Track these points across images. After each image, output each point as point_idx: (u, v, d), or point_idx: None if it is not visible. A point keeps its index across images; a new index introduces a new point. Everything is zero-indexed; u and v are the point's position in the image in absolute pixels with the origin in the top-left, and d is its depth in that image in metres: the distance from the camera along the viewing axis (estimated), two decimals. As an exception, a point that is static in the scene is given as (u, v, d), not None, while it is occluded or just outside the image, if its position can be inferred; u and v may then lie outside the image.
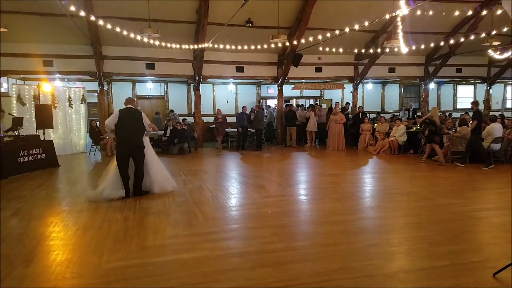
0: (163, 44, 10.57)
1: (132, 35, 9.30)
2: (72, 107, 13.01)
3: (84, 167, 10.70)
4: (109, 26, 8.82)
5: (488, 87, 18.33)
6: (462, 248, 4.03)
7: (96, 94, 14.05)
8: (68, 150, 12.78)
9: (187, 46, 11.62)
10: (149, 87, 16.80)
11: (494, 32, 10.92)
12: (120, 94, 16.62)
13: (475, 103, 9.95)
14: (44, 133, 10.48)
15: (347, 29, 9.71)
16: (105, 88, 14.51)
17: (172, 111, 15.59)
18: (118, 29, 8.94)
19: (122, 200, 6.24)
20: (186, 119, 14.45)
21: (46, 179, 8.32)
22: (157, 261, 3.78)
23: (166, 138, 12.84)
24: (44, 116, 10.60)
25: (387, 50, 11.94)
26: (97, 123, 13.22)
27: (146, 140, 6.75)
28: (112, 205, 5.95)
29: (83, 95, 13.48)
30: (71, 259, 3.84)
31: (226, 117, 14.54)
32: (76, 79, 15.36)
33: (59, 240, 4.44)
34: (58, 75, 13.92)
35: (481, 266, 3.57)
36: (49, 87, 12.07)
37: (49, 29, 11.95)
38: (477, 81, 19.02)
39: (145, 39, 9.63)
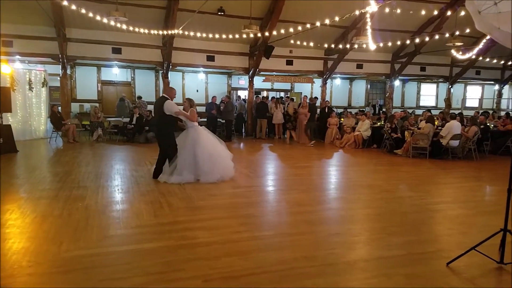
0: (131, 28, 10.25)
1: (98, 18, 8.96)
2: (32, 91, 12.44)
3: (44, 154, 10.28)
4: (74, 7, 8.47)
5: (450, 86, 19.12)
6: (419, 238, 4.22)
7: (59, 78, 13.47)
8: (28, 135, 12.26)
9: (156, 32, 11.31)
10: (115, 73, 16.28)
11: (457, 33, 11.38)
12: (84, 78, 16.09)
13: (311, 99, 13.94)
14: (1, 117, 9.95)
15: (318, 23, 9.80)
16: (68, 72, 13.94)
17: (140, 97, 15.09)
18: (83, 11, 8.60)
19: (84, 188, 6.07)
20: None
21: (3, 165, 7.90)
22: (119, 250, 3.71)
23: (132, 126, 12.53)
24: (2, 100, 10.02)
25: (356, 46, 12.14)
26: (59, 108, 12.70)
27: (194, 129, 6.73)
28: (73, 193, 5.76)
29: (44, 78, 12.91)
30: (28, 248, 3.69)
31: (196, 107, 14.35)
32: (38, 62, 14.61)
33: (16, 228, 4.26)
34: (18, 57, 13.19)
35: (436, 255, 3.75)
36: (8, 68, 11.46)
37: (9, 8, 11.24)
38: (440, 80, 19.80)
39: (112, 23, 9.30)
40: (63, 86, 13.38)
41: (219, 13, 12.25)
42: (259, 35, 11.51)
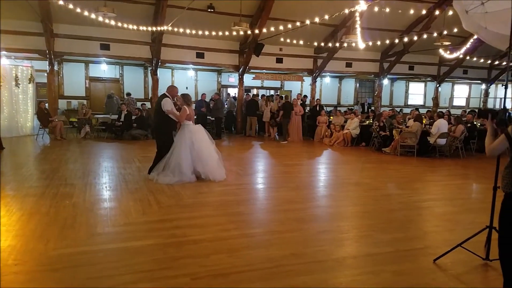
0: (120, 24, 10.12)
1: (86, 13, 8.84)
2: (19, 87, 12.24)
3: (31, 151, 10.12)
4: (61, 2, 8.34)
5: (438, 85, 19.33)
6: (406, 236, 4.27)
7: (46, 74, 13.25)
8: (14, 132, 12.06)
9: (145, 28, 11.21)
10: (103, 69, 16.09)
11: (445, 32, 11.50)
12: (72, 75, 15.87)
13: (281, 98, 14.63)
14: (-14, 114, 9.79)
15: (307, 21, 9.83)
16: (56, 68, 13.71)
17: (129, 94, 14.94)
18: (71, 6, 8.47)
19: (71, 186, 6.00)
20: (144, 104, 14.10)
21: (-13, 162, 7.79)
22: (107, 248, 3.68)
23: (120, 123, 12.40)
24: (-14, 95, 9.89)
25: (345, 44, 12.20)
26: (46, 104, 12.51)
27: (189, 128, 6.79)
28: (60, 191, 5.69)
29: (31, 74, 12.70)
30: (14, 246, 3.64)
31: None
32: (24, 57, 14.36)
33: (2, 226, 4.18)
34: (4, 52, 12.91)
35: (423, 252, 3.80)
36: (-7, 64, 11.26)
37: (-7, 2, 11.06)
38: (428, 79, 20.01)
39: (100, 18, 9.19)
40: (50, 83, 13.16)
41: (209, 10, 12.17)
42: (249, 32, 11.50)
